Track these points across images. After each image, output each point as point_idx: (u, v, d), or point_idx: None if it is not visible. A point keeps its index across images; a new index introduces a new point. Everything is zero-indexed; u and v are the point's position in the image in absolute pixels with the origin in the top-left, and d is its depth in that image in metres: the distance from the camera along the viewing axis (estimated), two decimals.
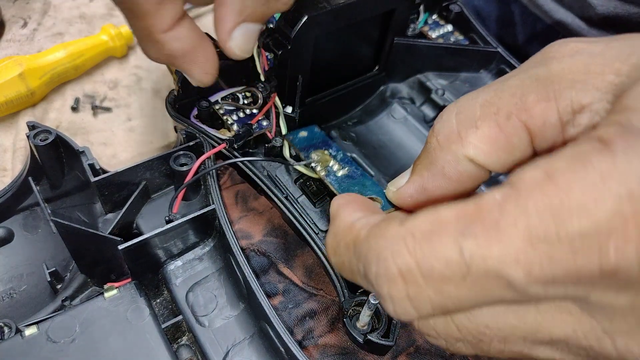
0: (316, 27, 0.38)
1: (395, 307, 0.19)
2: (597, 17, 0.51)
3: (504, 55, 0.52)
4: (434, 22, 0.55)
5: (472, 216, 0.18)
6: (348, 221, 0.23)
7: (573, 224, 0.16)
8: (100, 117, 0.54)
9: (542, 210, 0.17)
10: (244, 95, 0.44)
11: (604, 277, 0.17)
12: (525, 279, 0.17)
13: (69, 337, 0.32)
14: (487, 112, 0.22)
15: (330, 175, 0.35)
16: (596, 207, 0.16)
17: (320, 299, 0.40)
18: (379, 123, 0.50)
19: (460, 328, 0.21)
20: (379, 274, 0.19)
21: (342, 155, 0.37)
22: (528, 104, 0.21)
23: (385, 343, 0.32)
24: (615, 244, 0.16)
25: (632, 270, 0.16)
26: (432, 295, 0.19)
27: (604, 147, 0.17)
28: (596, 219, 0.16)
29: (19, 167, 0.47)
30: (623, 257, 0.16)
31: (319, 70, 0.42)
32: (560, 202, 0.17)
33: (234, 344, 0.34)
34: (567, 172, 0.17)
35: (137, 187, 0.39)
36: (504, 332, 0.20)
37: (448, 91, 0.51)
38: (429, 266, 0.18)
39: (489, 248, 0.17)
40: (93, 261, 0.37)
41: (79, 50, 0.55)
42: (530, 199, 0.17)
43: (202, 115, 0.43)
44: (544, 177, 0.17)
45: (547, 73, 0.21)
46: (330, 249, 0.24)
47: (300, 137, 0.39)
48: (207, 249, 0.38)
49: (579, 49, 0.21)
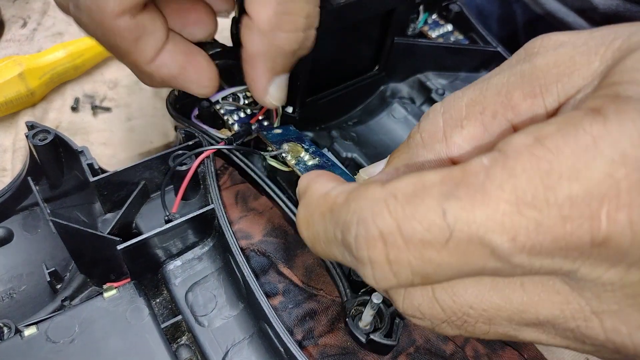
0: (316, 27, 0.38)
1: (375, 272, 0.19)
2: (599, 16, 0.51)
3: (504, 55, 0.52)
4: (433, 22, 0.55)
5: (458, 179, 0.17)
6: (322, 191, 0.22)
7: (563, 188, 0.16)
8: (100, 117, 0.54)
9: (531, 173, 0.16)
10: (245, 95, 0.44)
11: (594, 246, 0.16)
12: (509, 246, 0.16)
13: (68, 337, 0.32)
14: (473, 111, 0.21)
15: (299, 164, 0.34)
16: (588, 171, 0.15)
17: (321, 299, 0.40)
18: (379, 123, 0.50)
19: (445, 308, 0.20)
20: (359, 236, 0.18)
21: (315, 149, 0.36)
22: (514, 102, 0.20)
23: (388, 343, 0.32)
24: (607, 210, 0.15)
25: (624, 239, 0.15)
26: (412, 259, 0.18)
27: (595, 113, 0.16)
28: (587, 183, 0.15)
29: (19, 167, 0.47)
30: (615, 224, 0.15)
31: (319, 70, 0.42)
32: (549, 165, 0.16)
33: (233, 344, 0.34)
34: (558, 136, 0.16)
35: (136, 186, 0.39)
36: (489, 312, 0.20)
37: (448, 91, 0.51)
38: (411, 229, 0.17)
39: (473, 212, 0.16)
40: (92, 261, 0.37)
41: (79, 50, 0.55)
42: (519, 162, 0.16)
43: (203, 115, 0.43)
44: (534, 141, 0.16)
45: (531, 68, 0.20)
46: (302, 222, 0.22)
47: (275, 133, 0.39)
48: (206, 248, 0.38)
49: (562, 42, 0.21)
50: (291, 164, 0.35)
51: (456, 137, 0.21)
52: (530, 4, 0.59)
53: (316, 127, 0.48)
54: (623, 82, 0.17)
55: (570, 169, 0.16)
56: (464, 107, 0.21)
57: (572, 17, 0.55)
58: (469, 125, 0.21)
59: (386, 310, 0.33)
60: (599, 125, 0.16)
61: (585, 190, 0.15)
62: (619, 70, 0.17)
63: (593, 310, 0.18)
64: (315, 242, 0.22)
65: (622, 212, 0.15)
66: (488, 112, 0.21)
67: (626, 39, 0.19)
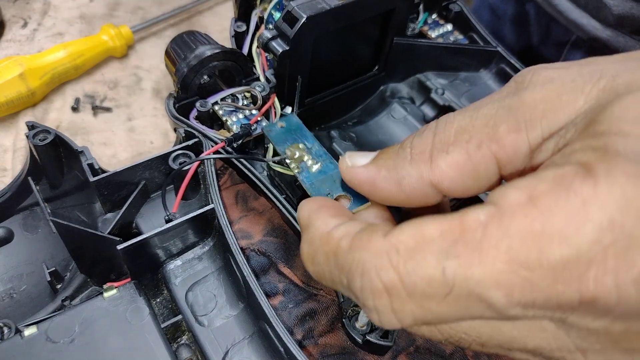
0: (315, 28, 0.38)
1: (381, 318, 0.20)
2: (612, 18, 0.51)
3: (504, 55, 0.52)
4: (433, 22, 0.55)
5: (456, 235, 0.18)
6: (324, 230, 0.23)
7: (554, 251, 0.17)
8: (101, 117, 0.54)
9: (524, 234, 0.17)
10: (244, 96, 0.44)
11: (582, 304, 0.17)
12: (505, 301, 0.17)
13: (68, 337, 0.32)
14: (460, 139, 0.22)
15: (303, 172, 0.34)
16: (577, 235, 0.16)
17: (320, 298, 0.40)
18: (379, 123, 0.50)
19: (442, 332, 0.21)
20: (364, 288, 0.20)
21: (318, 147, 0.36)
22: (499, 134, 0.21)
23: (384, 343, 0.32)
24: (595, 274, 0.16)
25: (611, 300, 0.16)
26: (414, 309, 0.19)
27: (585, 172, 0.17)
28: (577, 248, 0.16)
29: (19, 167, 0.47)
30: (602, 287, 0.16)
31: (318, 71, 0.42)
32: (542, 227, 0.17)
33: (233, 344, 0.34)
34: (550, 197, 0.17)
35: (136, 186, 0.39)
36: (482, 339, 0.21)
37: (448, 90, 0.51)
38: (413, 283, 0.18)
39: (470, 269, 0.17)
40: (92, 261, 0.37)
41: (79, 50, 0.55)
42: (513, 221, 0.17)
43: (201, 117, 0.43)
44: (527, 200, 0.17)
45: (519, 103, 0.21)
46: (307, 258, 0.24)
47: (278, 129, 0.38)
48: (206, 248, 0.38)
49: (551, 78, 0.21)
50: (295, 172, 0.34)
51: (440, 161, 0.22)
52: (543, 4, 0.59)
53: (315, 127, 0.48)
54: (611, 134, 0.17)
55: (561, 233, 0.16)
56: (453, 134, 0.22)
57: (586, 19, 0.54)
58: (454, 151, 0.22)
59: None
60: (589, 189, 0.17)
61: (575, 255, 0.16)
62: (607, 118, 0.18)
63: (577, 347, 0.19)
64: (322, 278, 0.23)
65: (609, 276, 0.16)
66: (474, 142, 0.22)
67: (610, 80, 0.19)
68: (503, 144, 0.21)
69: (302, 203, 0.25)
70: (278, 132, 0.38)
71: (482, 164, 0.21)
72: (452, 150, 0.22)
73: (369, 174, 0.24)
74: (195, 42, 0.44)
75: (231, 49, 0.44)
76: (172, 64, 0.44)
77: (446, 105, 0.50)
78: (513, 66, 0.51)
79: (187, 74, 0.42)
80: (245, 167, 0.40)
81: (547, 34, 0.61)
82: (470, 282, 0.17)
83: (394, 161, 0.24)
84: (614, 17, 0.51)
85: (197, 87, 0.44)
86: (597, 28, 0.53)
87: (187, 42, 0.44)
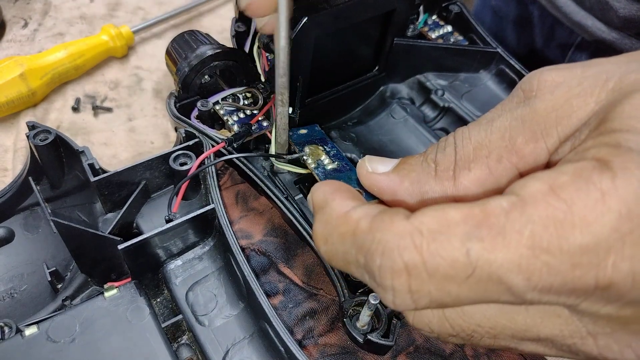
0: (316, 28, 0.38)
1: (395, 298, 0.20)
2: (618, 20, 0.51)
3: (504, 56, 0.52)
4: (433, 23, 0.55)
5: (479, 220, 0.19)
6: (341, 210, 0.23)
7: (575, 237, 0.17)
8: (101, 117, 0.54)
9: (546, 221, 0.18)
10: (245, 96, 0.44)
11: (597, 289, 0.18)
12: (524, 285, 0.18)
13: (69, 337, 0.32)
14: (479, 154, 0.23)
15: (319, 168, 0.34)
16: (597, 223, 0.17)
17: (321, 298, 0.40)
18: (379, 123, 0.50)
19: (454, 326, 0.22)
20: (383, 266, 0.20)
21: (336, 152, 0.36)
22: (517, 147, 0.22)
23: (385, 343, 0.32)
24: (614, 260, 0.17)
25: (626, 285, 0.17)
26: (433, 290, 0.19)
27: (602, 166, 0.18)
28: (596, 235, 0.17)
29: (20, 167, 0.47)
30: (619, 272, 0.17)
31: (319, 71, 0.42)
32: (564, 215, 0.18)
33: (233, 343, 0.34)
34: (571, 187, 0.18)
35: (136, 186, 0.39)
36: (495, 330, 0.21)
37: (448, 91, 0.51)
38: (435, 264, 0.19)
39: (494, 252, 0.18)
40: (93, 261, 0.37)
41: (80, 50, 0.55)
42: (536, 209, 0.18)
43: (202, 116, 0.43)
44: (549, 190, 0.18)
45: (532, 114, 0.22)
46: (320, 237, 0.24)
47: (300, 134, 0.39)
48: (207, 248, 0.38)
49: (558, 82, 0.22)
50: (311, 167, 0.34)
51: (463, 179, 0.23)
52: (547, 6, 0.59)
53: None
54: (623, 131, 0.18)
55: (582, 221, 0.17)
56: (472, 150, 0.23)
57: (591, 21, 0.54)
58: (476, 168, 0.23)
59: (383, 311, 0.33)
60: (607, 181, 0.17)
61: (595, 242, 0.17)
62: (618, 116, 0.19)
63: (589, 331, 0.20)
64: (333, 258, 0.23)
65: (626, 263, 0.17)
66: (493, 157, 0.22)
67: (618, 81, 0.20)
68: (523, 155, 0.22)
69: (316, 185, 0.25)
70: (299, 135, 0.38)
71: (504, 177, 0.22)
72: (473, 167, 0.23)
73: (391, 184, 0.25)
74: (196, 42, 0.44)
75: (232, 49, 0.44)
76: (173, 63, 0.44)
77: (446, 106, 0.50)
78: (513, 67, 0.51)
79: (188, 74, 0.42)
80: (246, 166, 0.40)
81: (551, 36, 0.61)
82: (493, 265, 0.18)
83: (418, 175, 0.24)
84: (619, 19, 0.51)
85: (198, 87, 0.44)
86: (602, 30, 0.53)
87: (188, 41, 0.44)
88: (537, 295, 0.18)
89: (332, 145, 0.37)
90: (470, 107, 0.50)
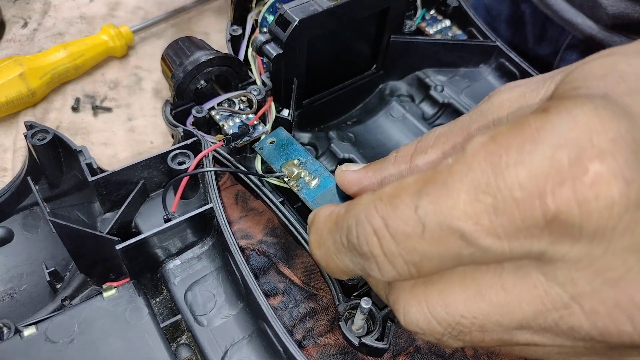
0: (308, 30, 0.38)
1: (378, 265, 0.21)
2: (607, 18, 0.51)
3: (503, 49, 0.51)
4: (431, 18, 0.55)
5: (428, 179, 0.20)
6: (326, 213, 0.25)
7: (511, 174, 0.18)
8: (101, 117, 0.54)
9: (484, 165, 0.18)
10: (240, 100, 0.44)
11: (547, 222, 0.17)
12: (475, 229, 0.18)
13: (67, 337, 0.32)
14: (438, 142, 0.26)
15: (303, 189, 0.35)
16: (532, 157, 0.17)
17: (321, 298, 0.40)
18: (377, 122, 0.49)
19: (440, 321, 0.22)
20: (359, 234, 0.21)
21: (312, 161, 0.37)
22: (471, 134, 0.24)
23: (380, 346, 0.32)
24: (552, 187, 0.17)
25: (573, 212, 0.17)
26: (400, 250, 0.20)
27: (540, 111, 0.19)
28: (532, 166, 0.17)
29: (20, 167, 0.47)
30: (561, 198, 0.17)
31: (314, 72, 0.42)
32: (499, 157, 0.18)
33: (232, 343, 0.34)
34: (508, 133, 0.19)
35: (135, 186, 0.39)
36: (479, 319, 0.21)
37: (447, 87, 0.51)
38: (395, 225, 0.20)
39: (439, 203, 0.19)
40: (92, 261, 0.37)
41: (79, 50, 0.55)
42: (475, 158, 0.19)
43: (198, 122, 0.42)
44: (488, 139, 0.19)
45: (488, 105, 0.25)
46: (314, 244, 0.26)
47: (269, 146, 0.39)
48: (205, 247, 0.38)
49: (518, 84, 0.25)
50: (295, 190, 0.36)
51: (418, 161, 0.26)
52: (538, 4, 0.59)
53: (314, 128, 0.47)
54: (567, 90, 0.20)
55: (517, 157, 0.18)
56: (433, 139, 0.26)
57: (581, 19, 0.54)
58: (432, 152, 0.25)
59: (378, 314, 0.33)
60: (542, 119, 0.18)
61: (530, 173, 0.17)
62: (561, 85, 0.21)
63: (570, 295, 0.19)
64: (328, 258, 0.25)
65: (566, 187, 0.17)
66: (449, 143, 0.25)
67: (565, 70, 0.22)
68: None
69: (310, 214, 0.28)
70: (270, 149, 0.39)
71: None
72: (430, 151, 0.25)
73: (358, 175, 0.29)
74: (190, 48, 0.44)
75: (226, 54, 0.44)
76: (168, 69, 0.44)
77: (446, 102, 0.50)
78: (512, 60, 0.51)
79: (183, 80, 0.42)
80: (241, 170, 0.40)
81: (542, 34, 0.61)
82: (439, 215, 0.19)
83: (380, 164, 0.27)
84: (609, 17, 0.51)
85: (194, 92, 0.44)
86: (592, 28, 0.53)
87: (182, 48, 0.44)
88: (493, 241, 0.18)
89: (304, 154, 0.37)
90: (470, 103, 0.50)
